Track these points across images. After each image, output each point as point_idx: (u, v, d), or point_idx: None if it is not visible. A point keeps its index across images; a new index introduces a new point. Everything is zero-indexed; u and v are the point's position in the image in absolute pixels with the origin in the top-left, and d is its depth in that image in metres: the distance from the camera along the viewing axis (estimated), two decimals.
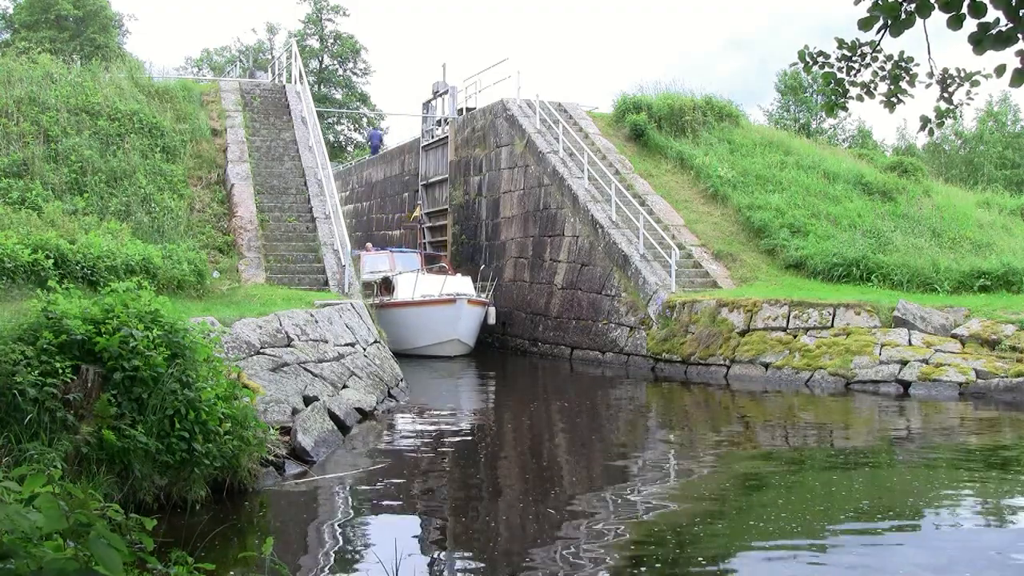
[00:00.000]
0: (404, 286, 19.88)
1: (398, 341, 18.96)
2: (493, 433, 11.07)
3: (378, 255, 23.05)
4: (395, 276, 20.57)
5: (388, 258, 22.65)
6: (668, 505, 7.16)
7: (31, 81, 17.19)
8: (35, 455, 5.53)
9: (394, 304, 19.54)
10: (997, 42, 3.61)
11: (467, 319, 19.24)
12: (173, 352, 6.66)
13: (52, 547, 2.38)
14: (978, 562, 5.57)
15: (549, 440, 10.70)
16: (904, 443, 9.97)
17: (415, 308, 19.22)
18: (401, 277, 20.39)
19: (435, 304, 19.06)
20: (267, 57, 48.83)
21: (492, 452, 9.60)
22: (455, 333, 19.10)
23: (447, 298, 19.06)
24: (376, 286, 20.47)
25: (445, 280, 19.88)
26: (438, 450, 9.94)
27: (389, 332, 19.12)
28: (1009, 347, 13.16)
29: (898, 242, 18.17)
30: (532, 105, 23.20)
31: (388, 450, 9.60)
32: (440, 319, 18.99)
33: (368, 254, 23.08)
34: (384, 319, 19.27)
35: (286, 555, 5.54)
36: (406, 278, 20.13)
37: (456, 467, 8.87)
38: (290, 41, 26.79)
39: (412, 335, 19.23)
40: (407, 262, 22.34)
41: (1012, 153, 42.24)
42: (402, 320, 19.26)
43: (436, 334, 19.09)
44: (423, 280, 19.82)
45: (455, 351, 19.39)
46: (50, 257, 10.34)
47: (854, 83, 4.68)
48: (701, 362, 15.77)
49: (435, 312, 19.03)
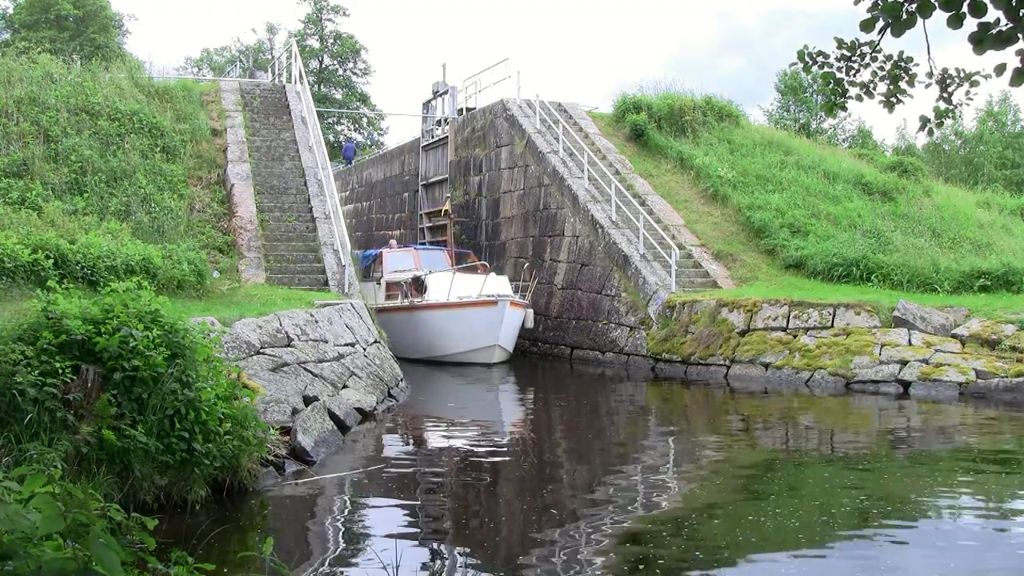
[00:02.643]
0: (438, 286, 18.28)
1: (430, 347, 18.11)
2: (493, 432, 11.07)
3: (402, 252, 21.48)
4: (426, 275, 18.84)
5: (413, 255, 21.06)
6: (668, 504, 7.16)
7: (31, 81, 17.19)
8: (35, 455, 5.53)
9: (426, 306, 18.09)
10: (997, 42, 3.61)
11: (509, 323, 17.66)
12: (173, 352, 6.65)
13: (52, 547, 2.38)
14: (978, 562, 5.57)
15: (549, 439, 10.69)
16: (904, 443, 9.97)
17: (451, 311, 17.65)
18: (434, 276, 18.73)
19: (474, 306, 17.46)
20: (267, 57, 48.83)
21: (492, 451, 9.59)
22: (496, 338, 17.47)
23: (488, 300, 17.40)
24: (404, 286, 19.21)
25: (485, 280, 18.02)
26: (438, 449, 9.94)
27: (420, 337, 18.16)
28: (1009, 347, 13.15)
29: (898, 242, 18.17)
30: (532, 105, 23.20)
31: (388, 450, 9.60)
32: (480, 323, 17.40)
33: (391, 251, 21.57)
34: (414, 323, 18.30)
35: (286, 555, 5.54)
36: (440, 278, 18.55)
37: (456, 466, 8.86)
38: (290, 41, 26.79)
39: (447, 340, 17.85)
40: (433, 260, 20.79)
41: (1012, 153, 42.24)
42: (435, 324, 17.92)
43: (475, 339, 17.52)
44: (460, 280, 18.11)
45: (495, 358, 17.76)
46: (50, 257, 10.34)
47: (854, 83, 4.69)
48: (701, 362, 15.76)
49: (474, 315, 17.45)
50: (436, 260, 20.80)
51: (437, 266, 19.87)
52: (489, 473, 8.51)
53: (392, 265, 20.56)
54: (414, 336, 18.33)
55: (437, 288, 18.25)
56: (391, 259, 20.86)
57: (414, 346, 18.31)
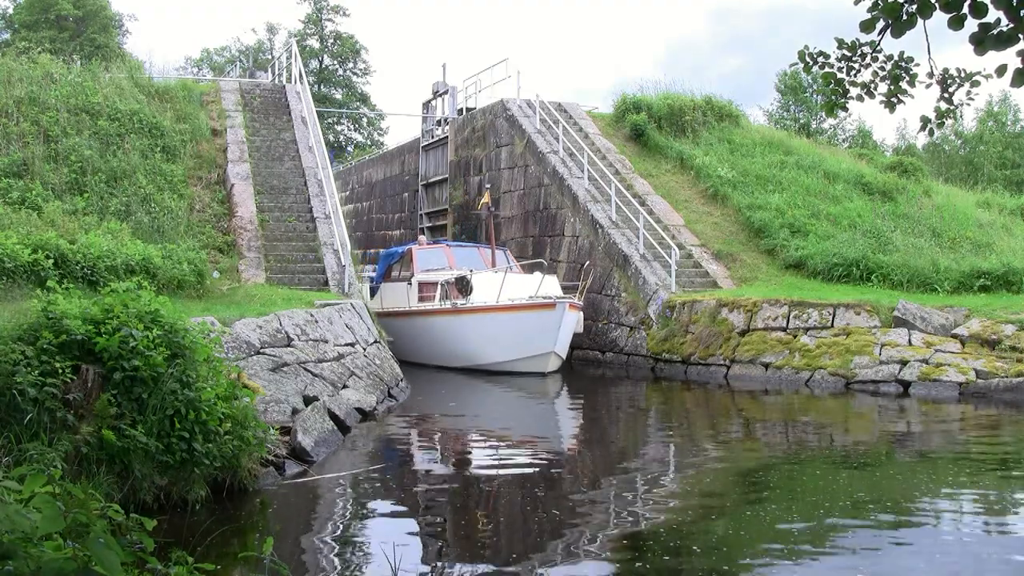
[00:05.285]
0: (486, 287, 16.51)
1: (475, 354, 16.51)
2: (493, 432, 11.07)
3: (432, 250, 19.44)
4: (471, 275, 17.02)
5: (445, 252, 19.09)
6: (668, 504, 7.16)
7: (31, 81, 17.18)
8: (35, 455, 5.53)
9: (473, 309, 16.33)
10: (998, 42, 3.61)
11: (566, 328, 15.80)
12: (173, 352, 6.65)
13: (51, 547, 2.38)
14: (979, 562, 5.56)
15: (548, 439, 10.68)
16: (904, 443, 9.97)
17: (502, 314, 15.89)
18: (481, 277, 16.93)
19: (530, 309, 15.65)
20: (267, 57, 48.83)
21: (492, 451, 9.59)
22: (553, 344, 15.65)
23: (546, 302, 15.60)
24: (444, 287, 17.25)
25: (542, 280, 16.23)
26: (438, 449, 9.94)
27: (463, 343, 16.54)
28: (1009, 347, 13.15)
29: (898, 242, 18.16)
30: (532, 105, 23.20)
31: (388, 450, 9.60)
32: (536, 328, 15.58)
33: (420, 248, 19.47)
34: (457, 328, 16.64)
35: (286, 555, 5.54)
36: (487, 277, 16.84)
37: (456, 466, 8.86)
38: (290, 41, 26.79)
39: (496, 347, 16.09)
40: (467, 258, 18.87)
41: (1012, 153, 42.24)
42: (483, 329, 16.16)
43: (528, 346, 15.70)
44: (511, 280, 16.45)
45: (550, 367, 15.99)
46: (50, 257, 10.33)
47: (854, 83, 4.69)
48: (701, 362, 15.76)
49: (529, 319, 15.62)
50: (471, 258, 18.90)
51: (472, 264, 18.15)
52: (489, 472, 8.51)
53: (422, 263, 18.67)
54: (456, 342, 16.81)
55: (485, 289, 16.51)
56: (421, 257, 18.90)
57: (455, 354, 16.90)
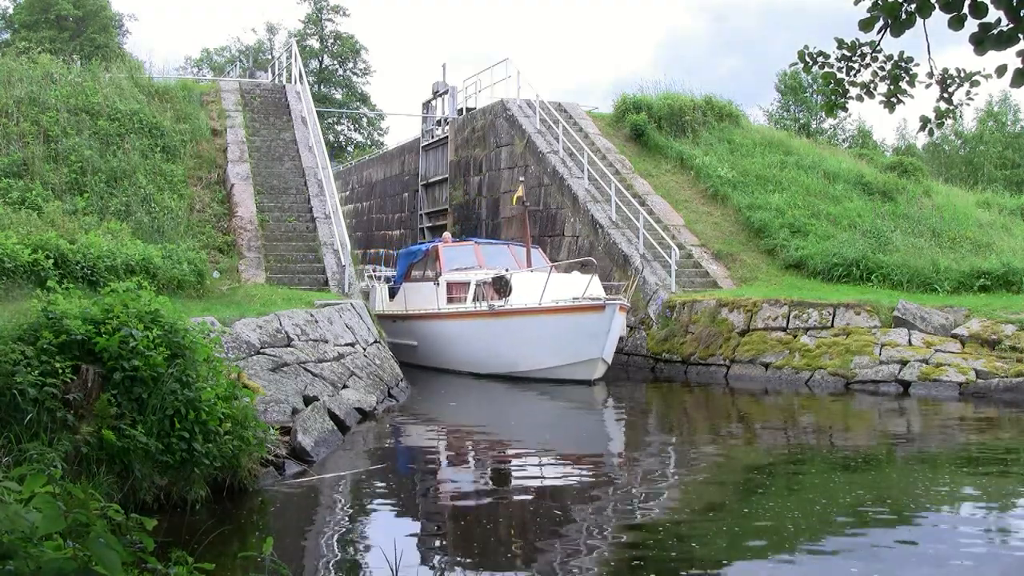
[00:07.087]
0: (527, 288, 15.22)
1: (515, 361, 15.31)
2: (493, 432, 11.07)
3: (460, 247, 18.09)
4: (511, 275, 15.78)
5: (474, 250, 17.80)
6: (668, 505, 7.16)
7: (31, 81, 17.18)
8: (35, 455, 5.52)
9: (514, 311, 15.10)
10: (998, 42, 3.61)
11: (615, 332, 14.69)
12: (173, 352, 6.65)
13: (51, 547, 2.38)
14: (979, 562, 5.56)
15: (548, 439, 10.68)
16: (904, 443, 9.97)
17: (547, 317, 14.67)
18: (520, 276, 15.71)
19: (578, 311, 14.42)
20: (267, 57, 48.83)
21: (492, 451, 9.59)
22: (601, 350, 14.48)
23: (595, 303, 14.32)
24: (479, 288, 16.07)
25: (590, 280, 14.92)
26: (438, 449, 9.94)
27: (502, 349, 15.39)
28: (1009, 347, 13.15)
29: (898, 242, 18.16)
30: (532, 105, 23.21)
31: (388, 450, 9.60)
32: (583, 332, 14.37)
33: (447, 246, 18.10)
34: (494, 331, 15.48)
35: (286, 555, 5.54)
36: (528, 278, 15.62)
37: (456, 466, 8.86)
38: (290, 41, 26.79)
39: (537, 353, 14.89)
40: (497, 256, 17.62)
41: (1012, 153, 42.24)
42: (525, 333, 14.95)
43: (574, 351, 14.52)
44: (556, 280, 15.09)
45: (596, 374, 14.80)
46: (50, 257, 10.33)
47: (854, 83, 4.68)
48: (701, 362, 15.76)
49: (577, 322, 14.39)
50: (501, 256, 17.64)
51: (504, 263, 17.10)
52: (489, 472, 8.51)
53: (450, 262, 17.38)
54: (492, 348, 15.60)
55: (525, 289, 15.24)
56: (448, 256, 17.58)
57: (491, 360, 15.76)
